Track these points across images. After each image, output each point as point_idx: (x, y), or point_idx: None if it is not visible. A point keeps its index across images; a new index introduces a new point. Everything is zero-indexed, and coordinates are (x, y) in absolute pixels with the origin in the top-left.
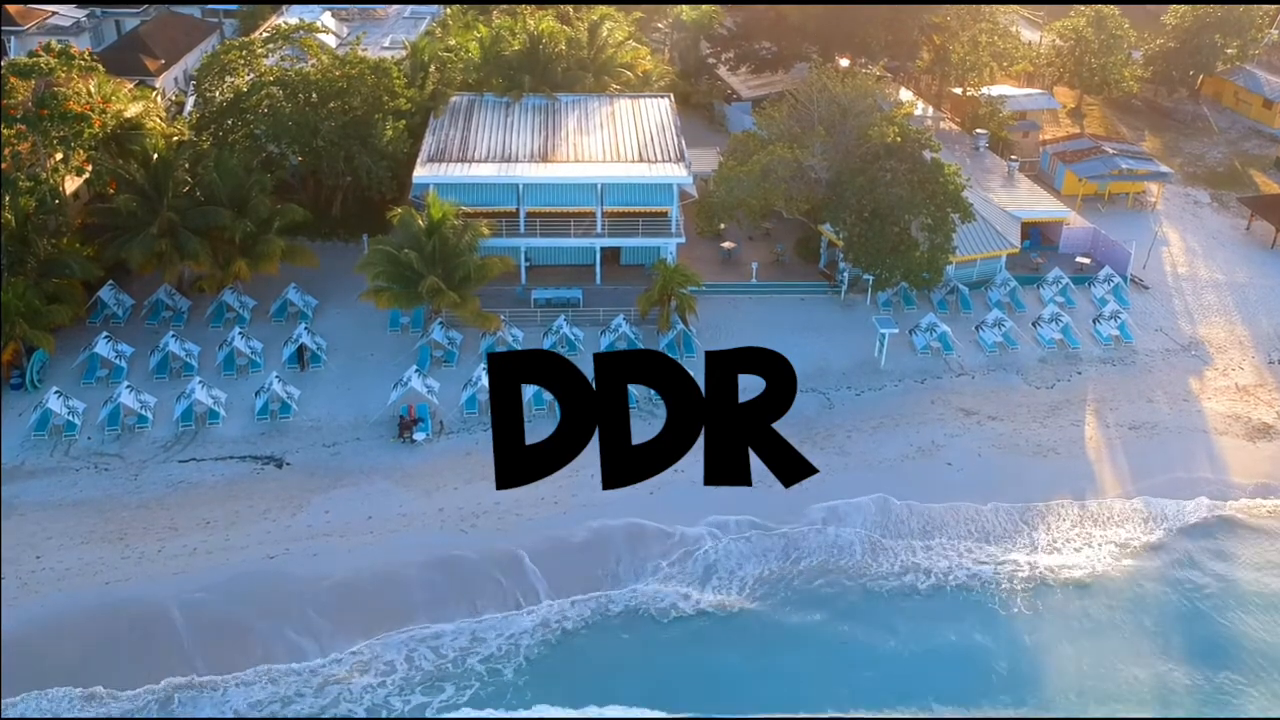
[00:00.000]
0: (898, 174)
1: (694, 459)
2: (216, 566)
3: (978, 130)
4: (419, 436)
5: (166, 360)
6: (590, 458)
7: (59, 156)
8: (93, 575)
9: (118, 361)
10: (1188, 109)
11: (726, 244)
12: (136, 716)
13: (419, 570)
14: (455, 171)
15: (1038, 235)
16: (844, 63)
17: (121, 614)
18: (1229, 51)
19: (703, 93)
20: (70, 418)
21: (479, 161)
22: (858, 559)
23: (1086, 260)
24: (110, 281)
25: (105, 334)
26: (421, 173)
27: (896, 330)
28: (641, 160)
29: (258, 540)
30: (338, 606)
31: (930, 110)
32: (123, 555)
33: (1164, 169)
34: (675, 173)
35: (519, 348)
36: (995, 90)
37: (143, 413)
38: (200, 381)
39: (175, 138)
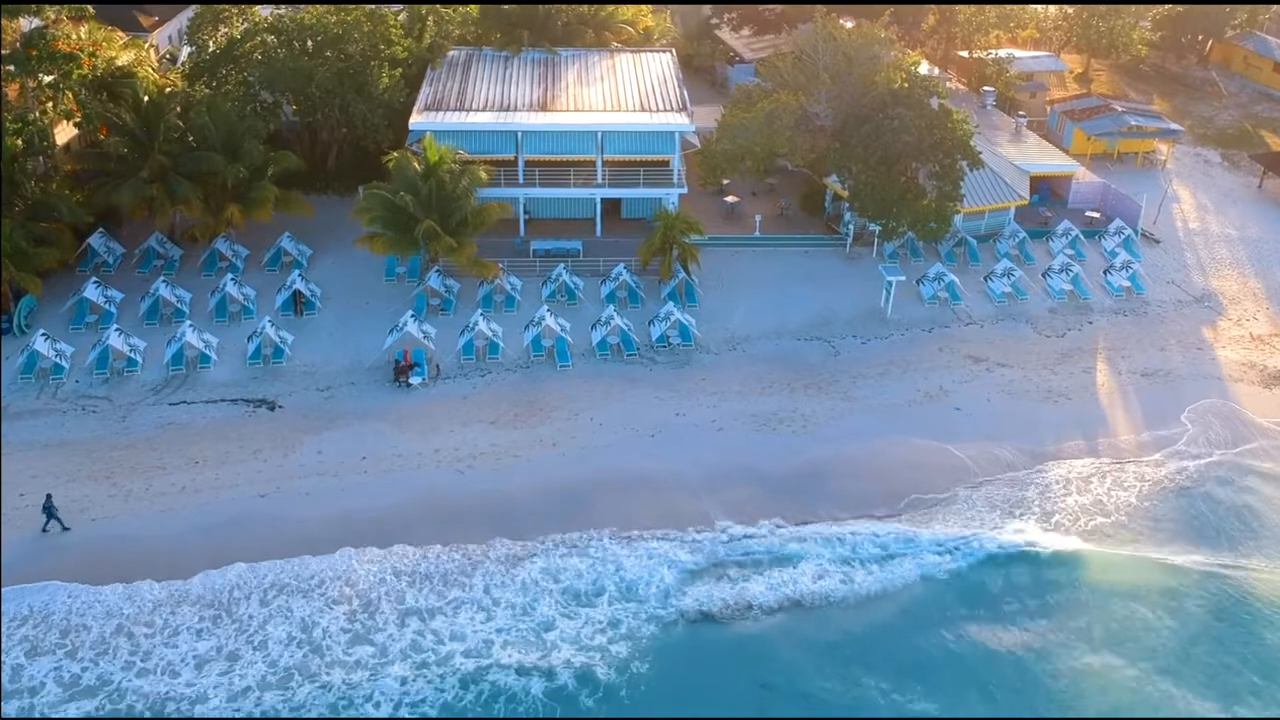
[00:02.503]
0: (905, 121)
1: (694, 402)
2: (205, 504)
3: (985, 88)
4: (415, 381)
5: (157, 305)
6: (589, 401)
7: (48, 101)
8: (79, 512)
9: (107, 306)
10: (1196, 74)
11: (729, 198)
12: (137, 716)
13: (414, 509)
14: (453, 119)
15: (1046, 190)
16: (848, 24)
17: (106, 550)
18: (1239, 18)
19: (705, 55)
20: (58, 360)
21: (477, 111)
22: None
23: (1096, 214)
24: (100, 229)
25: (94, 279)
26: (418, 120)
27: (903, 278)
28: (643, 110)
29: (248, 479)
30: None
31: (936, 71)
32: (109, 493)
33: (1174, 126)
34: (677, 120)
35: (518, 297)
36: (1002, 53)
37: (132, 356)
38: (191, 325)
39: (169, 89)
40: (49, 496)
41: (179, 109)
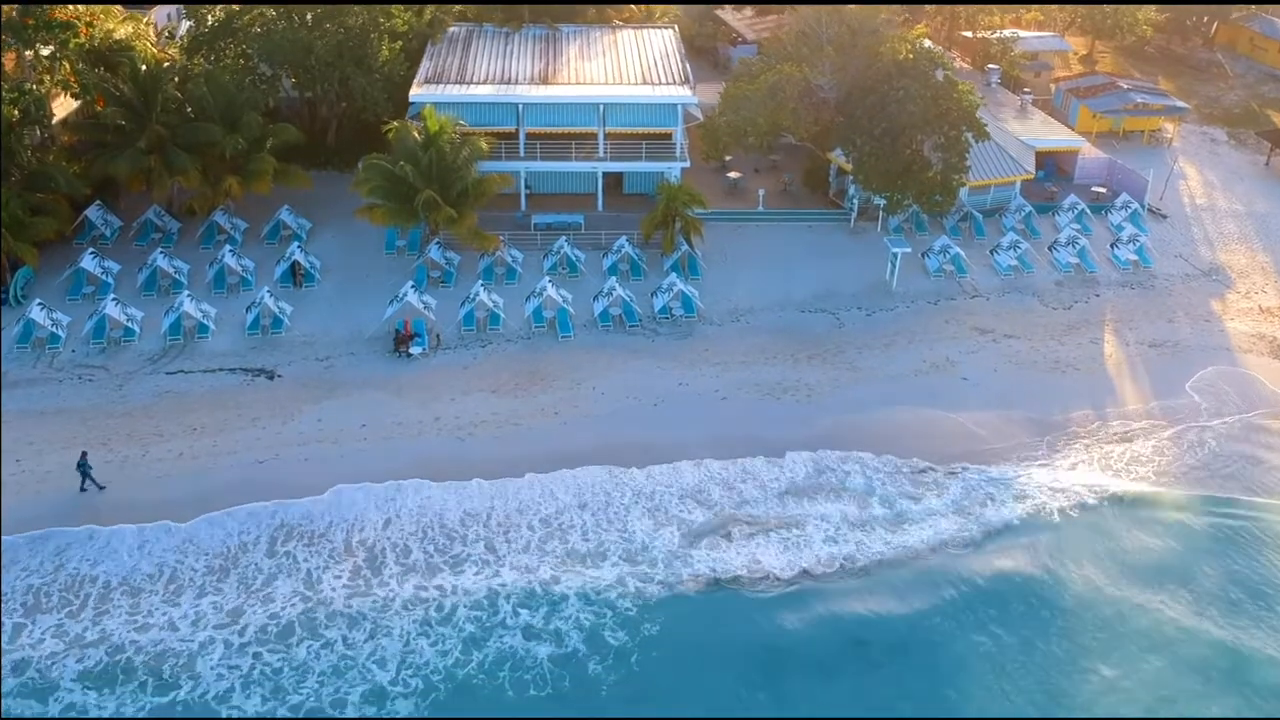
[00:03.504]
0: (910, 92)
1: (696, 372)
2: (203, 471)
3: (990, 65)
4: (415, 351)
5: (155, 277)
6: (591, 371)
7: (45, 73)
8: (74, 479)
9: (104, 277)
10: (1201, 55)
11: (732, 174)
12: (138, 716)
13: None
14: (453, 91)
15: (1052, 166)
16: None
17: (99, 513)
18: None
19: (707, 35)
20: (54, 330)
21: (477, 84)
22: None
23: (1103, 190)
24: (98, 201)
25: (91, 250)
26: (418, 92)
27: (909, 249)
28: (645, 83)
29: (247, 446)
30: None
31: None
32: (105, 460)
33: (1180, 104)
34: (680, 93)
35: (519, 269)
36: (1006, 33)
37: (129, 325)
38: (189, 295)
39: (167, 64)
40: (84, 454)
41: (177, 80)
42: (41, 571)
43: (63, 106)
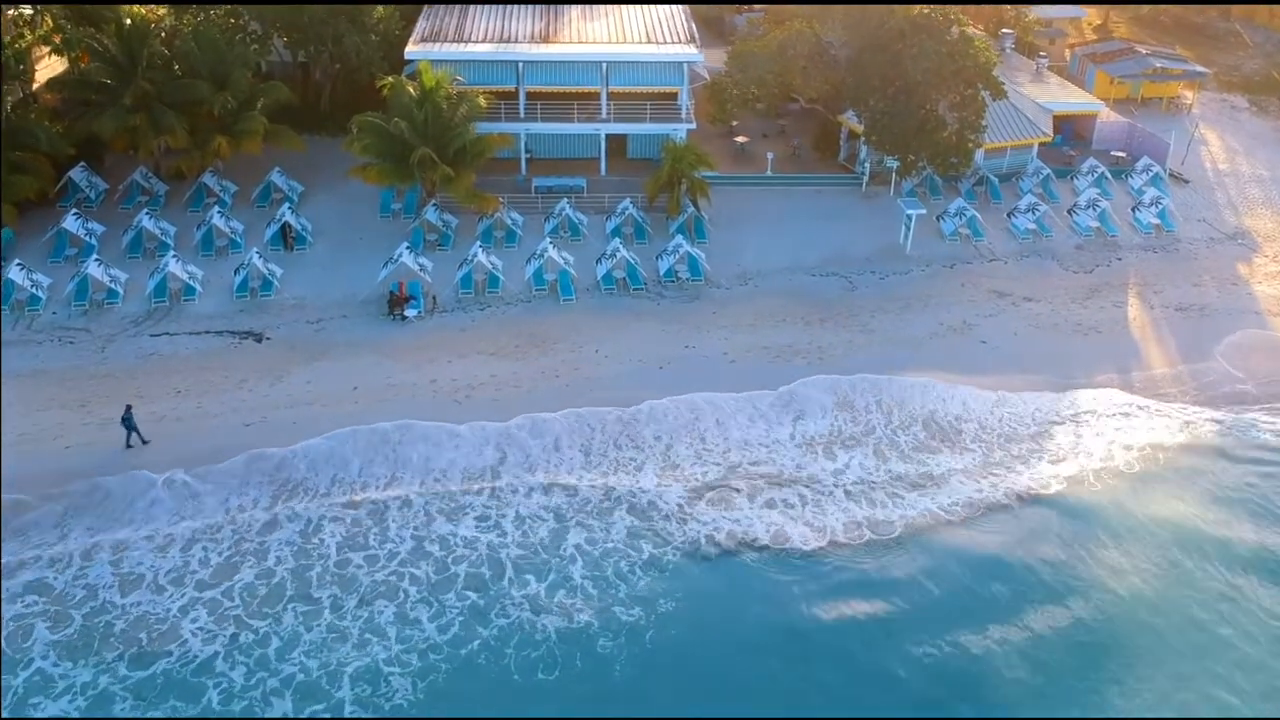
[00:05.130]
0: (924, 48)
1: (704, 335)
2: (186, 434)
3: (1004, 30)
4: (410, 313)
5: (140, 238)
6: (594, 334)
7: (25, 26)
8: (50, 440)
9: (87, 239)
10: (1219, 25)
11: (740, 138)
12: (141, 716)
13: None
14: (451, 48)
15: (1069, 131)
16: None
17: (77, 479)
18: None
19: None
20: (34, 291)
21: (476, 42)
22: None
23: (1122, 155)
24: (82, 163)
25: (74, 211)
26: (413, 49)
27: (924, 211)
28: (649, 42)
29: (232, 408)
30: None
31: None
32: (83, 421)
33: (1200, 68)
34: (685, 50)
35: (519, 232)
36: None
37: (113, 287)
38: (175, 256)
39: (155, 24)
40: (128, 408)
41: (164, 36)
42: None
43: (47, 68)
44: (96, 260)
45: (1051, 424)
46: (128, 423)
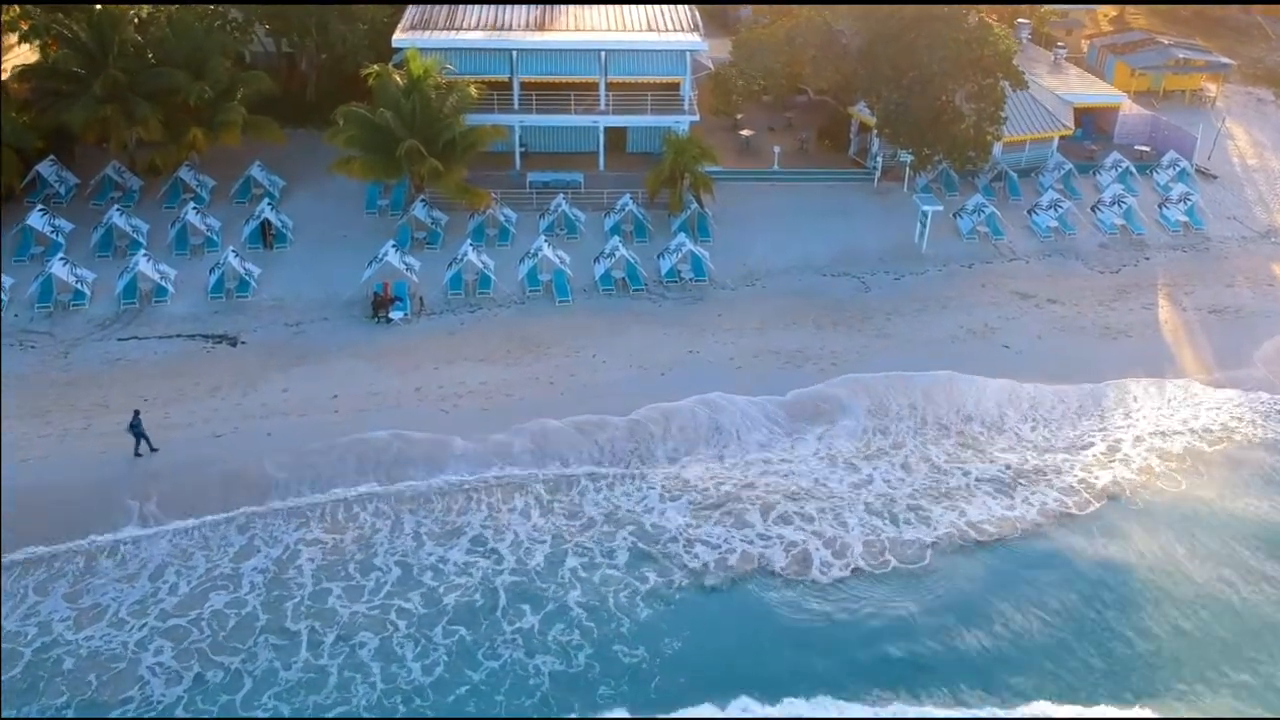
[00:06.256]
0: (940, 36)
1: (708, 339)
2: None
3: (1020, 20)
4: (395, 316)
5: (110, 236)
6: (591, 337)
7: None
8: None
9: (54, 237)
10: (1240, 17)
11: (744, 132)
12: (142, 717)
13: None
14: (441, 36)
15: (1090, 124)
16: None
17: (31, 495)
18: None
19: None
20: None
21: (468, 30)
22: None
23: (1146, 149)
24: (52, 156)
25: (40, 207)
26: (401, 37)
27: (940, 208)
28: (650, 30)
29: (203, 418)
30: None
31: None
32: (41, 433)
33: (1224, 60)
34: (688, 39)
35: (512, 229)
36: None
37: (79, 288)
38: (146, 255)
39: (128, 10)
40: (137, 414)
41: (138, 22)
42: None
43: (21, 56)
44: (62, 259)
45: (1086, 428)
46: (136, 429)
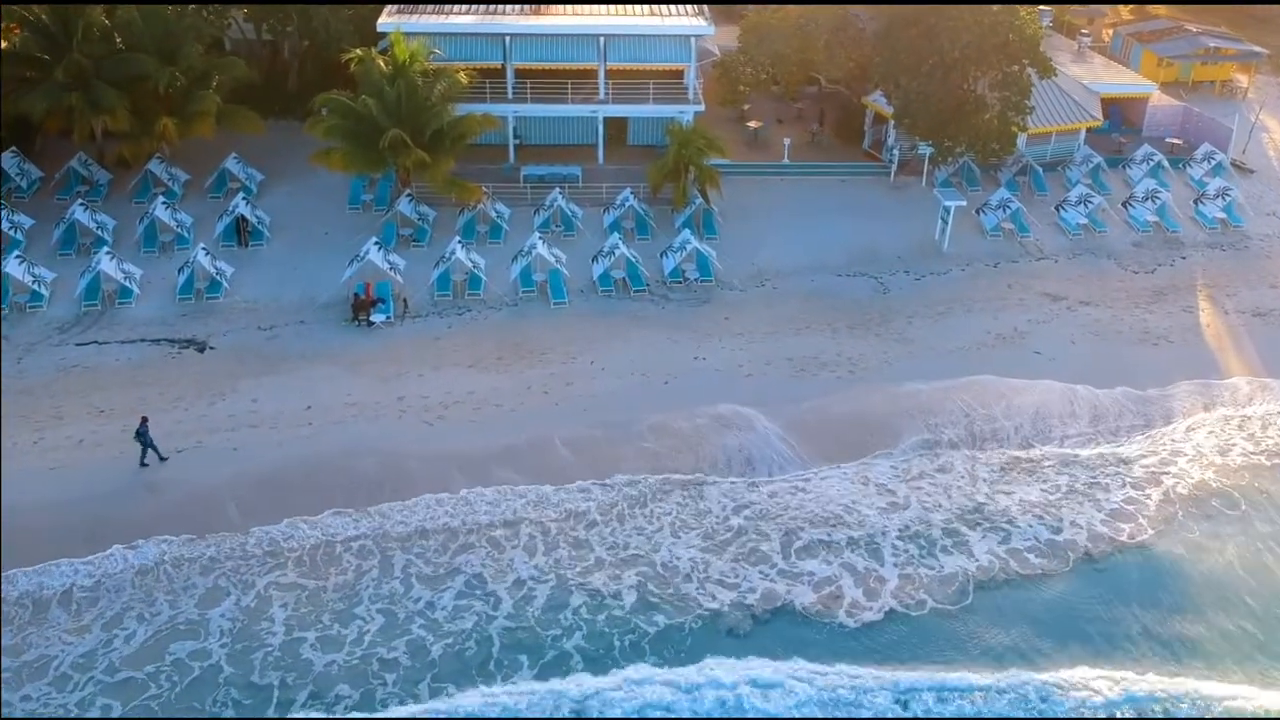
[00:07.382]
0: (963, 20)
1: (715, 344)
2: (108, 461)
3: (1041, 7)
4: (378, 319)
5: (73, 233)
6: (589, 342)
7: None
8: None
9: (13, 234)
10: (1265, 7)
11: (752, 123)
12: (142, 716)
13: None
14: (429, 19)
15: (1117, 115)
16: None
17: None
18: None
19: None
20: None
21: (457, 14)
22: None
23: (1178, 142)
24: (13, 148)
25: None
26: (386, 21)
27: (963, 203)
28: (653, 14)
29: (165, 431)
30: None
31: None
32: None
33: (1257, 49)
34: (693, 23)
35: (505, 226)
36: None
37: (36, 289)
38: (109, 253)
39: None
40: (144, 420)
41: (104, 6)
42: None
43: None
44: (18, 258)
45: (1136, 444)
46: (143, 438)
